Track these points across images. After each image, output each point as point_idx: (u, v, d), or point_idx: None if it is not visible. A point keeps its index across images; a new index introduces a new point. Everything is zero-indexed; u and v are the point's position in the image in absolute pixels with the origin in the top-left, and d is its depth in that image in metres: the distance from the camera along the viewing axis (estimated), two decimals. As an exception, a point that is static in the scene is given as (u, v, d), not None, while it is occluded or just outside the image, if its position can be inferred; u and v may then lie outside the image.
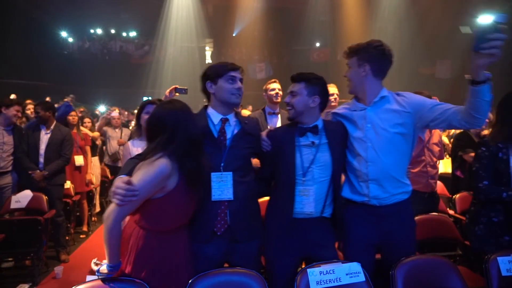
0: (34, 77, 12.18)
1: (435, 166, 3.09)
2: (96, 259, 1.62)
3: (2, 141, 3.78)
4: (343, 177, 2.05)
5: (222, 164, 1.82)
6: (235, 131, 1.90)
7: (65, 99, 6.02)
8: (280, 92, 3.40)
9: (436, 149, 3.10)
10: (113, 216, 1.47)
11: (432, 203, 3.12)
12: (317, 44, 15.63)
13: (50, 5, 13.68)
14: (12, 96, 6.25)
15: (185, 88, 2.68)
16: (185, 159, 1.60)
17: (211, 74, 1.89)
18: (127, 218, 1.67)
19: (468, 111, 1.64)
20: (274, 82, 3.48)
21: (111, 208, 1.48)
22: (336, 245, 2.06)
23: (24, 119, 4.93)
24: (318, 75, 1.95)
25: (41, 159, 3.91)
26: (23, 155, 3.88)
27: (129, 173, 1.56)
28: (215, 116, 1.90)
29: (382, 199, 1.88)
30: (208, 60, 15.78)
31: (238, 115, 1.98)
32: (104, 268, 1.54)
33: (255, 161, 2.12)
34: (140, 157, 1.63)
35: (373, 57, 1.89)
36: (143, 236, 1.62)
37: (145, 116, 2.33)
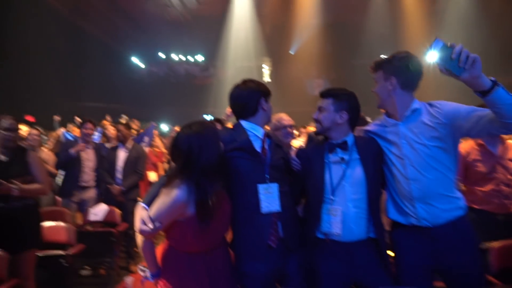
0: (108, 99, 13.43)
1: (510, 185, 2.79)
2: (141, 265, 1.76)
3: (85, 158, 4.21)
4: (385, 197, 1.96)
5: (267, 176, 1.84)
6: (269, 143, 1.94)
7: (120, 119, 6.57)
8: None
9: (513, 165, 2.80)
10: (141, 237, 1.63)
11: (510, 226, 2.80)
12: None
13: (122, 33, 15.12)
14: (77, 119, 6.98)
15: None
16: (197, 189, 1.58)
17: (266, 92, 1.95)
18: None
19: (497, 119, 1.51)
20: None
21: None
22: None
23: (104, 138, 5.41)
24: (348, 90, 1.93)
25: (119, 175, 4.29)
26: (103, 171, 4.30)
27: (154, 198, 1.63)
28: (258, 131, 1.92)
29: (433, 218, 1.75)
30: (266, 78, 16.10)
31: None
32: (148, 274, 1.69)
33: None
34: (166, 178, 1.67)
35: (399, 70, 1.82)
36: (170, 253, 1.68)
37: None
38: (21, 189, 2.59)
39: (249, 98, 1.92)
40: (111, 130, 5.11)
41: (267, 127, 2.39)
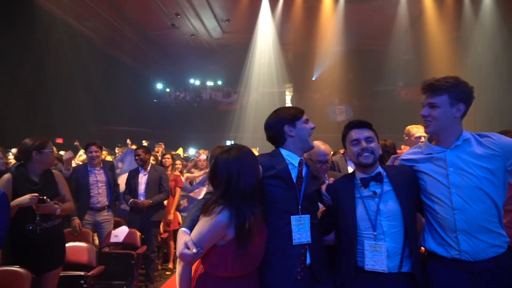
0: (138, 124, 13.87)
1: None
2: None
3: (96, 180, 4.21)
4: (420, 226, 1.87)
5: (300, 207, 1.80)
6: (305, 173, 1.88)
7: (156, 146, 6.68)
8: None
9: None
10: (181, 263, 1.60)
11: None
12: (401, 84, 15.08)
13: (150, 61, 15.79)
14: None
15: None
16: (237, 213, 1.58)
17: (290, 118, 1.88)
18: None
19: None
20: None
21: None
22: None
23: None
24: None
25: (141, 198, 4.32)
26: (127, 195, 4.37)
27: (193, 225, 1.63)
28: (294, 159, 1.86)
29: (476, 252, 1.66)
30: (288, 103, 16.24)
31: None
32: None
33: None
34: (204, 204, 1.65)
35: (467, 97, 1.75)
36: (205, 278, 1.64)
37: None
38: (62, 208, 2.70)
39: (274, 127, 1.89)
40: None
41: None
